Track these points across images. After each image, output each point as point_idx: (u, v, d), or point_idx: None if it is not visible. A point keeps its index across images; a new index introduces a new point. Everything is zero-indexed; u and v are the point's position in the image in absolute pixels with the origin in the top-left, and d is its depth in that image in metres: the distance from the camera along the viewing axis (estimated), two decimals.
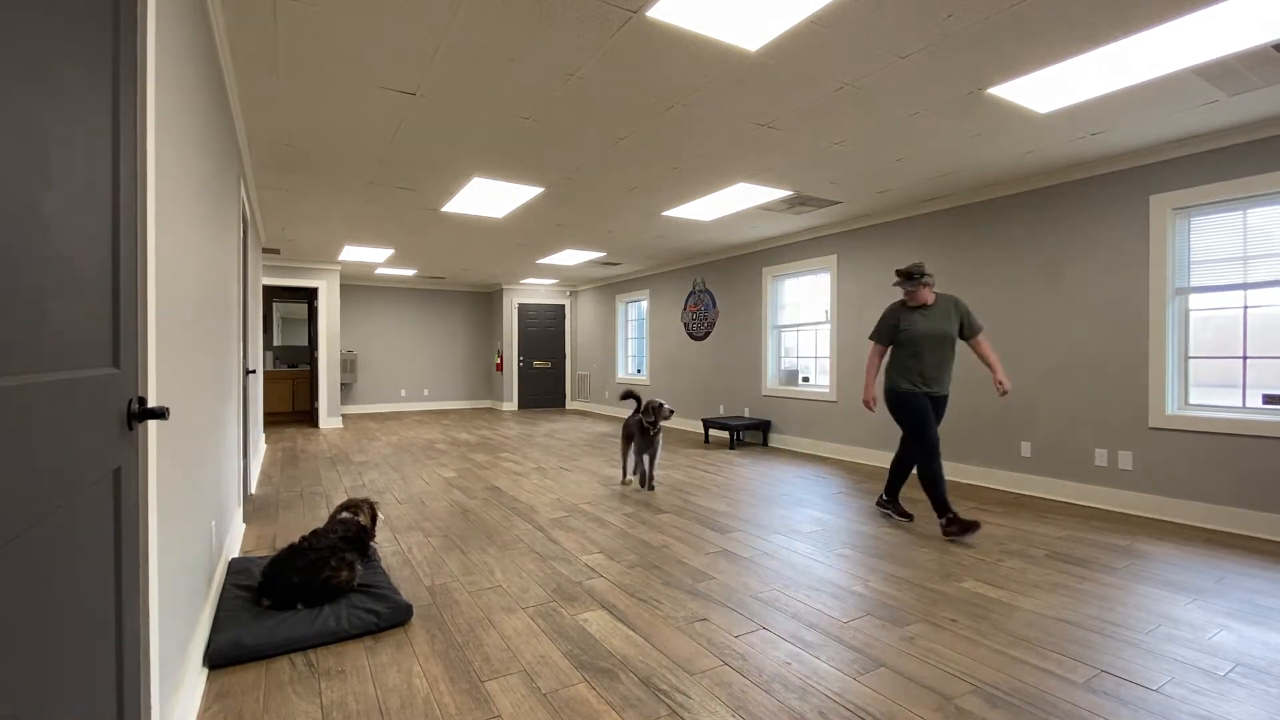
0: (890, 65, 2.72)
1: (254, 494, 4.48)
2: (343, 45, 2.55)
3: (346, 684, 1.89)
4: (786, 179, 4.45)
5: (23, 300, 0.67)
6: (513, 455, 6.19)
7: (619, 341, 10.20)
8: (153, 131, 1.21)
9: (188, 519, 1.77)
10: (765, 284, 6.98)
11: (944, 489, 3.39)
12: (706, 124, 3.40)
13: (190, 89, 1.79)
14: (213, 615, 2.24)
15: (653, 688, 1.87)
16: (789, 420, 6.66)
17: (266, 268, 8.23)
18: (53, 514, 0.74)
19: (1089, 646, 2.12)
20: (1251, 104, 3.15)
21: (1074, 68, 2.72)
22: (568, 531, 3.52)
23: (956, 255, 4.98)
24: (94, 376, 0.89)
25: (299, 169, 4.22)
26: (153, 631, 1.19)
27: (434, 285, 10.96)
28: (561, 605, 2.49)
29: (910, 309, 3.59)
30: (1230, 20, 2.36)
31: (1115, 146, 3.78)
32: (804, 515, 3.87)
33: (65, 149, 0.79)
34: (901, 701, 1.79)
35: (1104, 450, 4.06)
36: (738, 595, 2.59)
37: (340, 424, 8.71)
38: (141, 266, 1.15)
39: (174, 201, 1.53)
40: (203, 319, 2.09)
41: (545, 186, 4.64)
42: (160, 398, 1.35)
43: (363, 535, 2.77)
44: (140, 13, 1.15)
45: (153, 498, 1.21)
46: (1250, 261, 3.52)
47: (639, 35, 2.47)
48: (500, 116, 3.29)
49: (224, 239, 2.82)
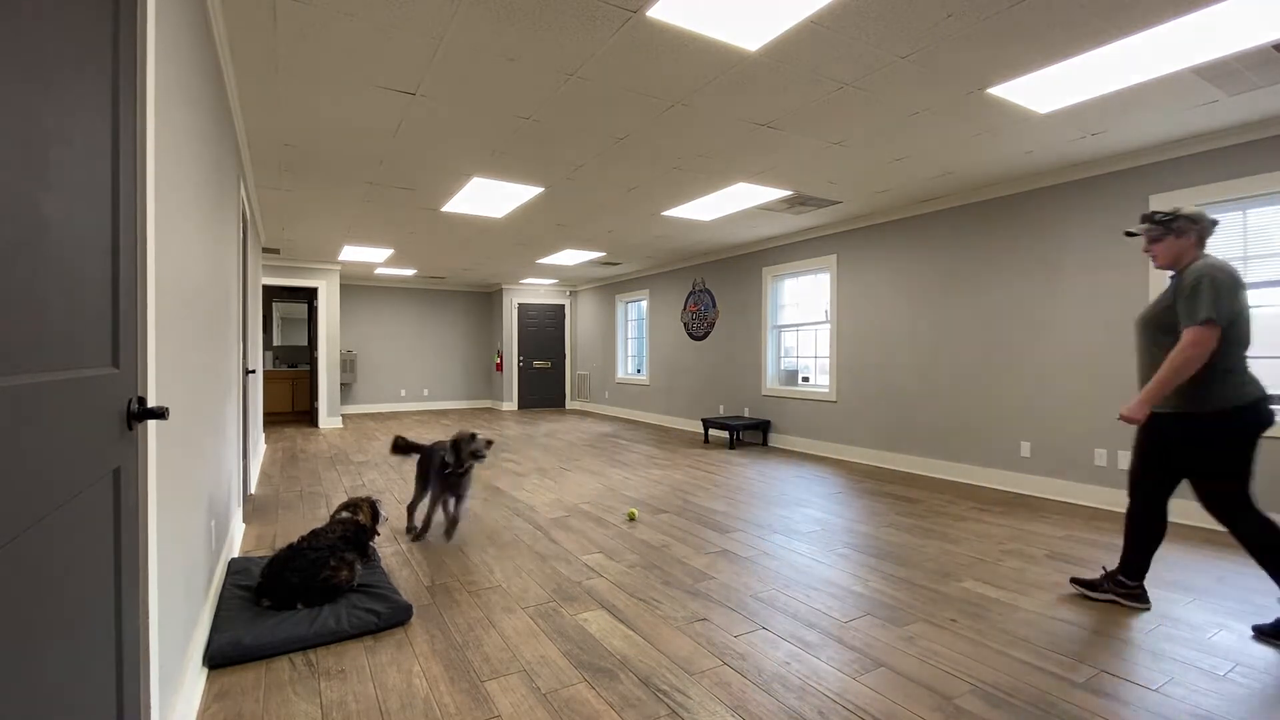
0: (890, 65, 2.72)
1: (254, 494, 4.48)
2: (342, 45, 2.55)
3: (346, 684, 1.89)
4: (786, 179, 4.45)
5: (23, 300, 0.67)
6: (512, 455, 6.19)
7: (619, 341, 10.20)
8: (153, 132, 1.21)
9: (188, 519, 1.77)
10: (765, 284, 6.98)
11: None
12: (706, 124, 3.40)
13: (190, 89, 1.79)
14: (213, 615, 2.24)
15: (652, 688, 1.87)
16: (789, 420, 6.66)
17: (266, 268, 8.23)
18: (53, 514, 0.74)
19: (1089, 646, 2.12)
20: (1251, 104, 3.15)
21: (1074, 68, 2.72)
22: (568, 531, 3.52)
23: (956, 255, 4.98)
24: (94, 376, 0.89)
25: (299, 169, 4.21)
26: (152, 631, 1.19)
27: (434, 285, 10.96)
28: (561, 605, 2.49)
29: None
30: (1230, 20, 2.36)
31: (1115, 146, 3.78)
32: (804, 515, 3.87)
33: (65, 149, 0.79)
34: (901, 701, 1.79)
35: (1104, 450, 4.06)
36: (738, 595, 2.59)
37: (340, 424, 8.71)
38: (141, 266, 1.15)
39: (174, 201, 1.53)
40: (203, 319, 2.08)
41: (545, 186, 4.64)
42: (160, 398, 1.35)
43: (362, 535, 2.77)
44: (140, 13, 1.15)
45: (152, 498, 1.21)
46: (1250, 261, 3.52)
47: (639, 35, 2.47)
48: (500, 116, 3.29)
49: (224, 239, 2.82)
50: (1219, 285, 2.18)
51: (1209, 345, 2.17)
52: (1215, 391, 2.21)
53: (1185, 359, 2.19)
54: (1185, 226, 2.35)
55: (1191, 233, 2.35)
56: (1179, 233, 2.37)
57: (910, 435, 5.37)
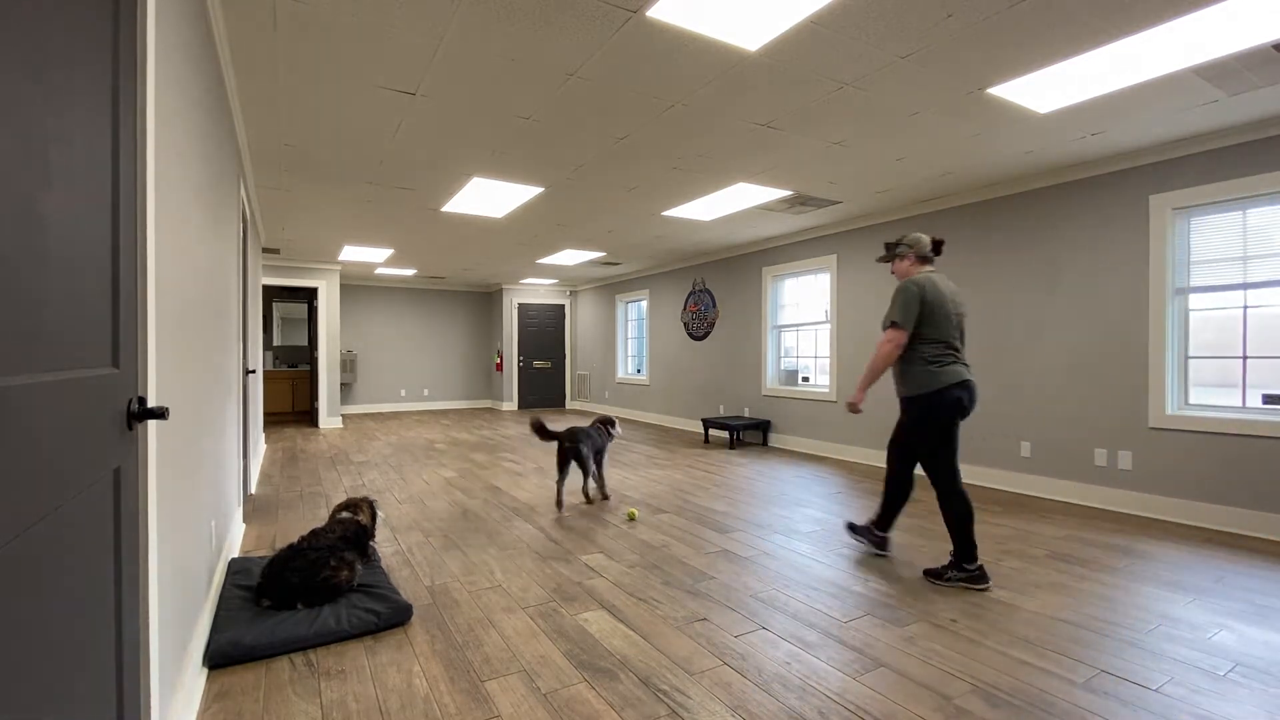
0: (890, 65, 2.72)
1: (254, 494, 4.48)
2: (342, 45, 2.55)
3: (346, 684, 1.89)
4: (786, 179, 4.45)
5: (22, 300, 0.67)
6: (512, 455, 6.19)
7: (619, 341, 10.20)
8: (153, 131, 1.21)
9: (188, 519, 1.77)
10: (765, 284, 6.97)
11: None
12: (706, 124, 3.40)
13: (190, 88, 1.79)
14: (213, 615, 2.24)
15: (652, 688, 1.87)
16: (789, 420, 6.66)
17: (266, 268, 8.23)
18: (53, 514, 0.74)
19: (1089, 646, 2.12)
20: (1251, 104, 3.15)
21: (1074, 68, 2.72)
22: (568, 531, 3.52)
23: (956, 255, 4.98)
24: (94, 376, 0.89)
25: (299, 169, 4.21)
26: (153, 631, 1.19)
27: (434, 285, 10.96)
28: (561, 605, 2.49)
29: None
30: (1230, 20, 2.36)
31: (1115, 146, 3.78)
32: (804, 515, 3.87)
33: (65, 149, 0.79)
34: (901, 701, 1.79)
35: (1104, 450, 4.06)
36: (737, 595, 2.59)
37: (340, 424, 8.71)
38: (141, 266, 1.15)
39: (174, 201, 1.53)
40: (203, 319, 2.08)
41: (545, 186, 4.64)
42: (160, 398, 1.35)
43: (362, 535, 2.76)
44: (140, 13, 1.15)
45: (153, 498, 1.21)
46: (1250, 261, 3.52)
47: (639, 35, 2.47)
48: (500, 116, 3.29)
49: (224, 239, 2.82)
50: (907, 296, 2.77)
51: (898, 342, 2.78)
52: (921, 379, 2.76)
53: (879, 354, 2.83)
54: (904, 251, 2.97)
55: (910, 254, 2.96)
56: (900, 256, 2.98)
57: None
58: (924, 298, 2.75)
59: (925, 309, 2.76)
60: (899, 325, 2.78)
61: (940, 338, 2.77)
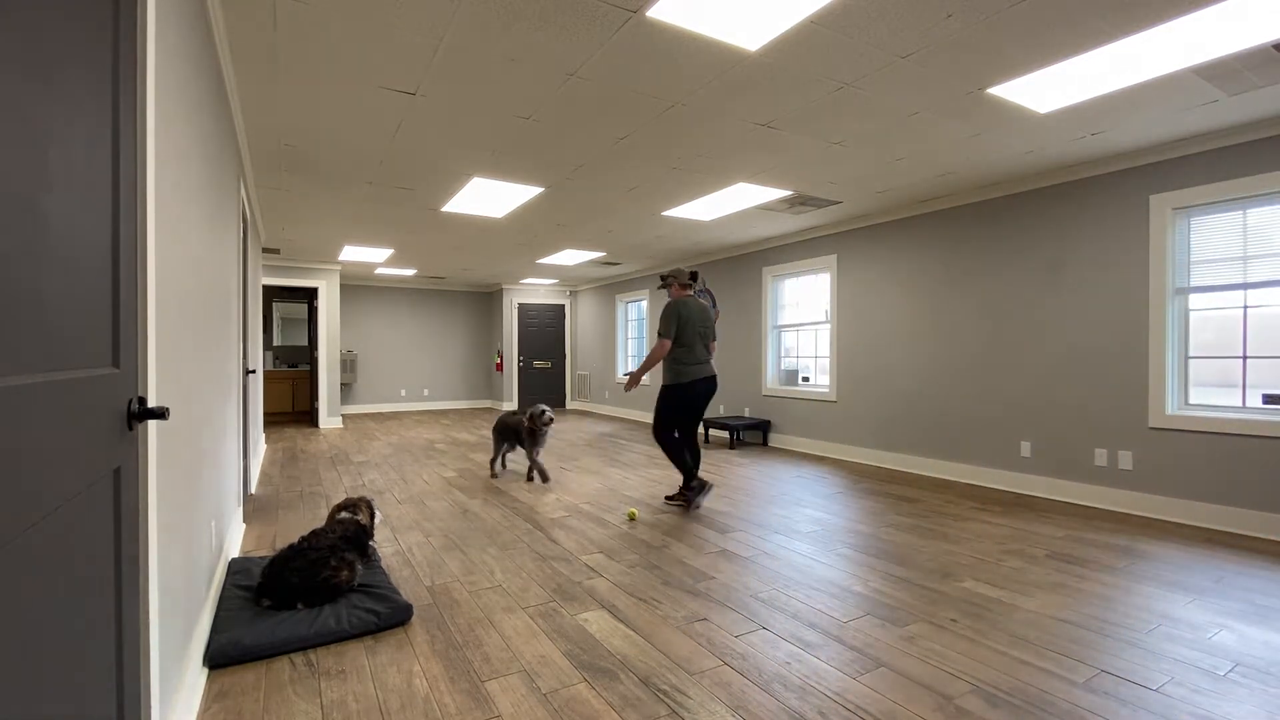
0: (890, 65, 2.72)
1: (254, 494, 4.48)
2: (343, 45, 2.55)
3: (346, 684, 1.89)
4: (786, 179, 4.45)
5: (23, 300, 0.67)
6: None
7: (619, 341, 10.20)
8: (153, 131, 1.21)
9: (188, 519, 1.77)
10: (765, 284, 6.98)
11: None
12: (706, 124, 3.40)
13: (190, 88, 1.79)
14: (213, 615, 2.24)
15: (653, 688, 1.87)
16: (789, 420, 6.66)
17: (266, 268, 8.23)
18: (53, 514, 0.74)
19: (1089, 646, 2.12)
20: (1251, 104, 3.15)
21: (1074, 67, 2.72)
22: (568, 531, 3.52)
23: (957, 255, 4.98)
24: (94, 376, 0.89)
25: (299, 169, 4.22)
26: (153, 631, 1.19)
27: (434, 285, 10.96)
28: (561, 605, 2.49)
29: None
30: (1230, 20, 2.36)
31: (1115, 146, 3.78)
32: (804, 515, 3.87)
33: (65, 149, 0.79)
34: (901, 701, 1.79)
35: (1104, 450, 4.06)
36: (738, 595, 2.59)
37: (340, 424, 8.71)
38: (141, 266, 1.15)
39: (174, 201, 1.53)
40: (203, 319, 2.08)
41: (545, 186, 4.64)
42: (160, 398, 1.35)
43: (362, 534, 2.77)
44: (140, 13, 1.15)
45: (153, 498, 1.21)
46: (1250, 261, 3.52)
47: (639, 35, 2.47)
48: (500, 116, 3.29)
49: (224, 239, 2.82)
50: (668, 315, 3.92)
51: (664, 348, 3.92)
52: (671, 373, 3.97)
53: (653, 355, 3.93)
54: (671, 281, 4.11)
55: (675, 283, 4.11)
56: (668, 284, 4.14)
57: (910, 435, 5.37)
58: (680, 315, 3.89)
59: (681, 323, 3.90)
60: (664, 335, 3.90)
61: (690, 344, 3.93)
